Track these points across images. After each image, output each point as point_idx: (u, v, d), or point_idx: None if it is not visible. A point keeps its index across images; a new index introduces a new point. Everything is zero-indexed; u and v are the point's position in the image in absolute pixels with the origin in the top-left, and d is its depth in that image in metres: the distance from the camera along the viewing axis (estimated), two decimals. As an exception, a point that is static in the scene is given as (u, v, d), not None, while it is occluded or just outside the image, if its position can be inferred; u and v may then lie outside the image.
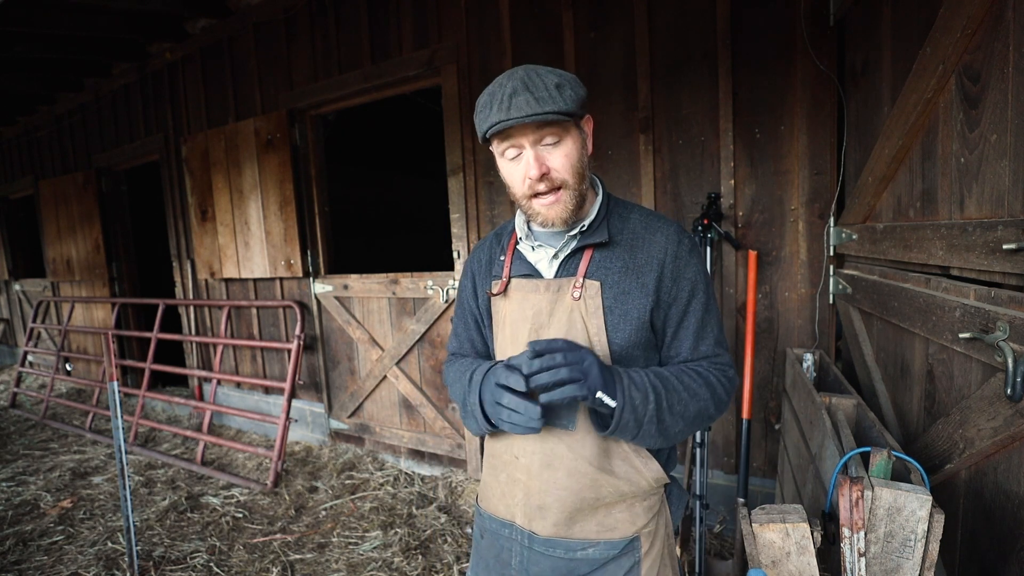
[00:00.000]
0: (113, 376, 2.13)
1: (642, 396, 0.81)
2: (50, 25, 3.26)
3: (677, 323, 0.92)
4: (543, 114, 0.78)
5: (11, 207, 6.30)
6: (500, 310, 0.98)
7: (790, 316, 2.14)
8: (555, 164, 0.84)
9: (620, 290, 0.89)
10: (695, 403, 0.87)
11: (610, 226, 0.93)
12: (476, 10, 2.68)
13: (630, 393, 0.81)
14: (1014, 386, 0.88)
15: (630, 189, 2.37)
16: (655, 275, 0.89)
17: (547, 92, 0.80)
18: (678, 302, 0.91)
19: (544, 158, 0.84)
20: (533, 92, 0.79)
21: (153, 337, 4.02)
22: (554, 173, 0.85)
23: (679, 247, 0.91)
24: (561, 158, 0.84)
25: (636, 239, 0.92)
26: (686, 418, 0.86)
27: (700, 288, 0.92)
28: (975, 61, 1.08)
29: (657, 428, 0.84)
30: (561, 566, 0.90)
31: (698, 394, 0.87)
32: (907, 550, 0.93)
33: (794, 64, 2.00)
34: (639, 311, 0.88)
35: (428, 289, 2.97)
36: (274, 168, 3.38)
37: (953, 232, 1.15)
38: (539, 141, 0.83)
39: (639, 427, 0.82)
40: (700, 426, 0.90)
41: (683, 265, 0.90)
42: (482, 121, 0.84)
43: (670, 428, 0.85)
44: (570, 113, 0.81)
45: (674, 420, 0.85)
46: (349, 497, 2.86)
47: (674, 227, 0.93)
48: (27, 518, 2.79)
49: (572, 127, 0.85)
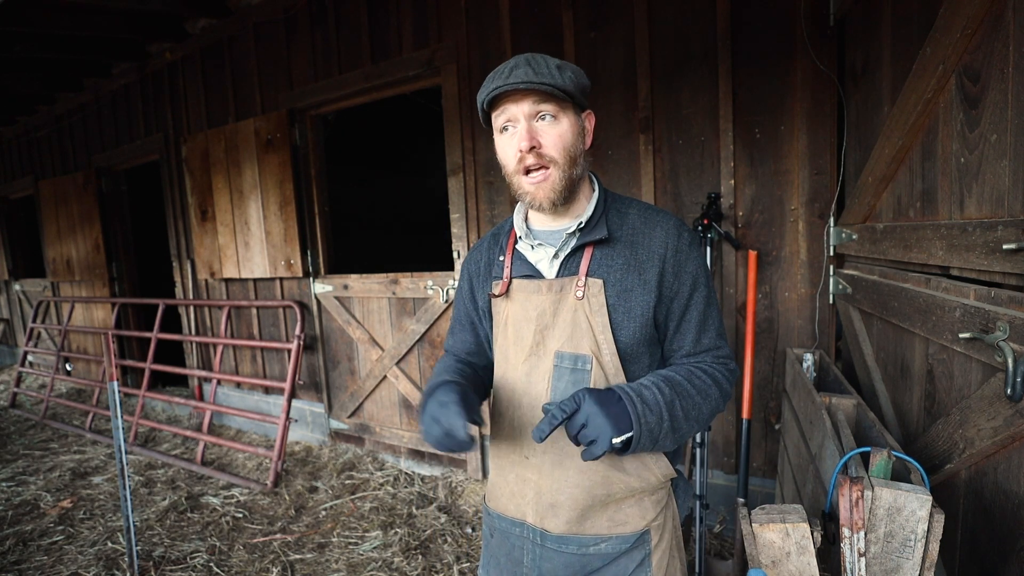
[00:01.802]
0: (113, 376, 2.13)
1: (656, 417, 0.81)
2: (50, 25, 3.26)
3: (680, 317, 0.92)
4: (539, 83, 0.81)
5: (11, 207, 6.30)
6: (502, 311, 0.98)
7: (790, 316, 2.14)
8: (547, 141, 0.85)
9: (623, 287, 0.89)
10: (707, 404, 0.88)
11: (609, 222, 0.92)
12: (476, 10, 2.68)
13: (645, 419, 0.80)
14: (1014, 386, 0.88)
15: (630, 189, 2.37)
16: (657, 271, 0.89)
17: (547, 69, 0.83)
18: (680, 296, 0.91)
19: (537, 132, 0.85)
20: (533, 67, 0.83)
21: (153, 337, 4.02)
22: (544, 149, 0.85)
23: (679, 241, 0.91)
24: (554, 136, 0.85)
25: (636, 235, 0.91)
26: (700, 420, 0.87)
27: (701, 281, 0.92)
28: (975, 61, 1.08)
29: (672, 438, 0.84)
30: (574, 562, 0.91)
31: (709, 394, 0.88)
32: (907, 550, 0.93)
33: (794, 64, 2.00)
34: (642, 308, 0.88)
35: (428, 289, 2.97)
36: (274, 168, 3.38)
37: (953, 232, 1.15)
38: (534, 116, 0.85)
39: (655, 443, 0.83)
40: (708, 423, 0.93)
41: (684, 259, 0.90)
42: (482, 93, 0.87)
43: (685, 433, 0.86)
44: (568, 92, 0.83)
45: (689, 425, 0.86)
46: (349, 497, 2.86)
47: (673, 221, 0.93)
48: (27, 518, 2.79)
49: (570, 110, 0.87)
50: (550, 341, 0.91)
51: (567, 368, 0.89)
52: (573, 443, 0.79)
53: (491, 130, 0.93)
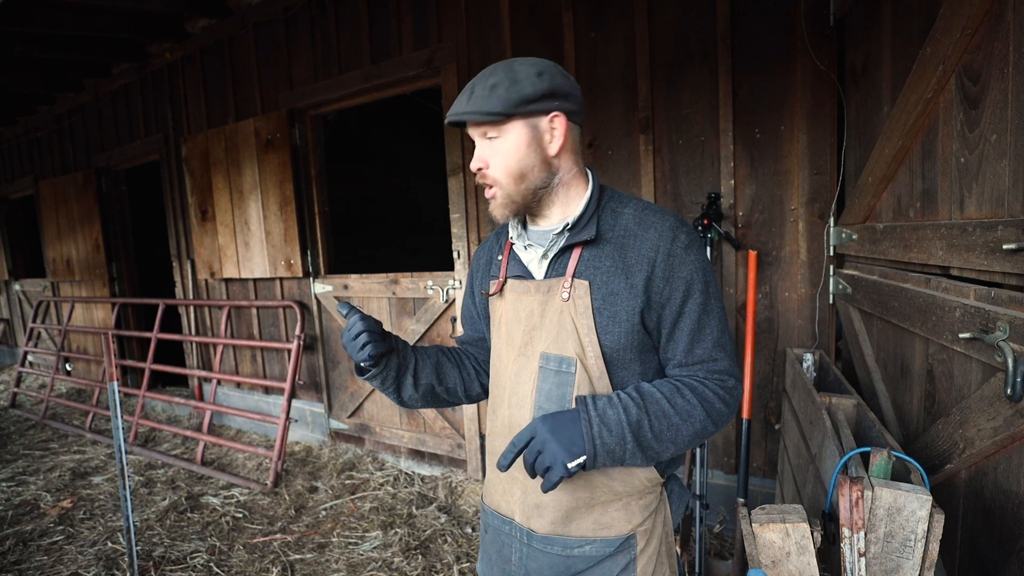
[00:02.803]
0: (113, 376, 2.13)
1: (617, 439, 0.79)
2: (50, 25, 3.26)
3: (672, 325, 0.87)
4: (466, 113, 0.84)
5: (11, 207, 6.30)
6: (496, 310, 0.99)
7: (790, 316, 2.14)
8: (492, 162, 0.87)
9: (609, 291, 0.86)
10: (689, 426, 0.83)
11: (600, 222, 0.90)
12: (476, 10, 2.68)
13: (602, 439, 0.79)
14: (1014, 386, 0.88)
15: (630, 189, 2.37)
16: (644, 275, 0.85)
17: (484, 91, 0.83)
18: (672, 303, 0.86)
19: (485, 153, 0.88)
20: (471, 93, 0.85)
21: (153, 337, 4.02)
22: (488, 169, 0.88)
23: (673, 244, 0.85)
24: (497, 156, 0.87)
25: (628, 237, 0.88)
26: (678, 442, 0.83)
27: (697, 287, 0.86)
28: (975, 61, 1.08)
29: (643, 457, 0.82)
30: (558, 563, 0.91)
31: (692, 416, 0.83)
32: (907, 550, 0.93)
33: (794, 64, 2.00)
34: (628, 313, 0.85)
35: (428, 289, 2.97)
36: (274, 168, 3.38)
37: (953, 232, 1.15)
38: (484, 135, 0.87)
39: (619, 462, 0.81)
40: (698, 443, 0.88)
41: (677, 263, 0.85)
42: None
43: (660, 453, 0.83)
44: (496, 113, 0.82)
45: (662, 445, 0.82)
46: (349, 497, 2.86)
47: (670, 222, 0.88)
48: (27, 518, 2.79)
49: (515, 125, 0.85)
50: (537, 342, 0.90)
51: (552, 370, 0.88)
52: (530, 475, 0.79)
53: None
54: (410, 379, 1.00)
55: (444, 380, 1.05)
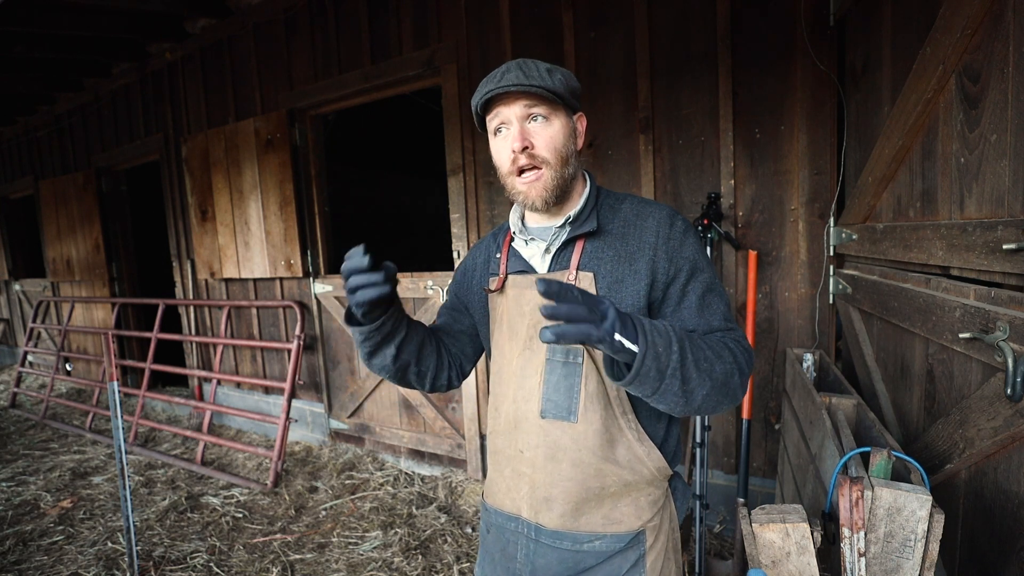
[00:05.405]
0: (113, 376, 2.13)
1: (665, 343, 0.71)
2: (50, 25, 3.26)
3: (677, 301, 0.88)
4: (529, 86, 0.83)
5: (11, 207, 6.30)
6: (498, 307, 0.99)
7: (790, 316, 2.14)
8: (538, 142, 0.87)
9: (613, 279, 0.89)
10: (721, 364, 0.77)
11: (600, 215, 0.94)
12: (476, 10, 2.68)
13: (652, 338, 0.70)
14: (1014, 386, 0.88)
15: (630, 189, 2.37)
16: (648, 259, 0.88)
17: (537, 72, 0.86)
18: (677, 281, 0.87)
19: (529, 133, 0.88)
20: (524, 71, 0.85)
21: (153, 337, 4.02)
22: (536, 149, 0.87)
23: (671, 229, 0.89)
24: (546, 137, 0.88)
25: (627, 227, 0.92)
26: (713, 379, 0.76)
27: (702, 267, 0.88)
28: (975, 61, 1.08)
29: (681, 385, 0.73)
30: (568, 558, 0.91)
31: (722, 356, 0.78)
32: (907, 550, 0.93)
33: (794, 64, 2.00)
34: (634, 298, 0.88)
35: (428, 289, 2.97)
36: (274, 168, 3.38)
37: (953, 232, 1.15)
38: (526, 118, 0.88)
39: (661, 379, 0.71)
40: (726, 397, 0.79)
41: (677, 245, 0.88)
42: (476, 97, 0.89)
43: (695, 388, 0.74)
44: (558, 94, 0.86)
45: (700, 378, 0.75)
46: (349, 497, 2.86)
47: (666, 211, 0.92)
48: (27, 518, 2.79)
49: (561, 112, 0.89)
50: None
51: (559, 361, 0.89)
52: (558, 315, 0.64)
53: (486, 133, 0.95)
54: (392, 350, 0.92)
55: (421, 362, 0.99)
